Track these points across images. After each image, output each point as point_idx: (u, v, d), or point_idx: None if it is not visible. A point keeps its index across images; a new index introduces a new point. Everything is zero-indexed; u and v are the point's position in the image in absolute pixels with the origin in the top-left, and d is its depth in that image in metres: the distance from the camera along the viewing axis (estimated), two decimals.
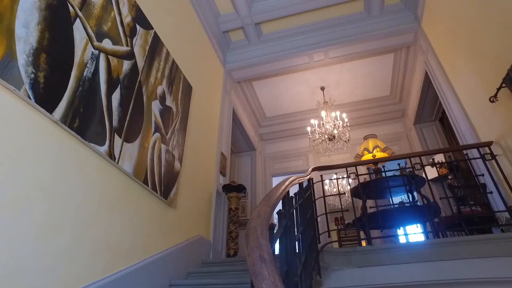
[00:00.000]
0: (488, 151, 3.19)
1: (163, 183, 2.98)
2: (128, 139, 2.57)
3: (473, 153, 3.39)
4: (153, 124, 2.97)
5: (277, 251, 1.48)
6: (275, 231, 1.08)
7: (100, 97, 2.30)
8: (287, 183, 1.54)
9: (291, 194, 1.88)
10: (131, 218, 2.49)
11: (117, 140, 2.42)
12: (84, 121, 2.10)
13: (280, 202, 1.40)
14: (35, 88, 1.76)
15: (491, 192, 3.17)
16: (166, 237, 2.92)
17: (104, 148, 2.26)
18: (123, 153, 2.47)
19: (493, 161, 3.14)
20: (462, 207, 3.35)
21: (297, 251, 1.58)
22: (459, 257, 2.69)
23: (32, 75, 1.75)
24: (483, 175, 3.23)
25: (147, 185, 2.72)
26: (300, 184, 2.17)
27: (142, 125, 2.80)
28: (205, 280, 2.68)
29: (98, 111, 2.26)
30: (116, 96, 2.48)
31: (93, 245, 2.08)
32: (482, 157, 3.16)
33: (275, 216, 1.31)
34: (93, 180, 2.16)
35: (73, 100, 2.02)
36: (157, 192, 2.85)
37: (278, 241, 1.20)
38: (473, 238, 2.80)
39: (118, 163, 2.40)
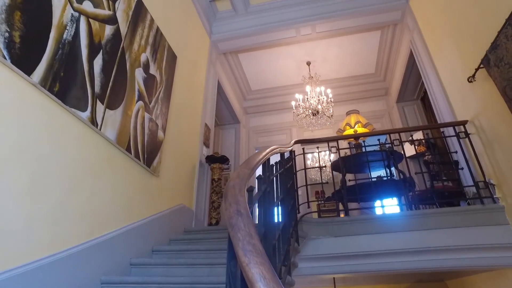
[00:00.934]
0: (463, 130, 3.32)
1: (146, 152, 2.98)
2: (111, 106, 2.53)
3: (449, 131, 3.52)
4: (136, 92, 2.93)
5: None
6: (254, 194, 1.13)
7: (81, 62, 2.24)
8: (268, 150, 1.59)
9: (273, 164, 1.93)
10: (114, 185, 2.50)
11: (100, 107, 2.39)
12: (65, 86, 2.06)
13: (261, 167, 1.45)
14: (10, 48, 1.70)
15: (462, 168, 3.33)
16: (149, 205, 2.96)
17: (86, 114, 2.23)
18: (106, 120, 2.45)
19: (467, 139, 3.27)
20: (436, 182, 3.51)
21: (275, 216, 1.65)
22: (429, 228, 2.87)
23: (7, 34, 1.69)
24: (456, 152, 3.38)
25: (130, 153, 2.73)
26: (282, 154, 2.22)
27: (125, 92, 2.76)
28: (186, 246, 2.76)
29: (80, 76, 2.21)
30: (98, 62, 2.42)
31: (77, 209, 2.10)
32: (457, 135, 3.29)
33: (256, 182, 1.36)
34: (76, 146, 2.15)
35: (52, 63, 1.97)
36: (140, 160, 2.86)
37: (257, 205, 1.26)
38: (442, 210, 2.97)
39: (100, 129, 2.38)
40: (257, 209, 1.41)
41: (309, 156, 6.98)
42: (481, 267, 2.93)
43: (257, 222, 1.55)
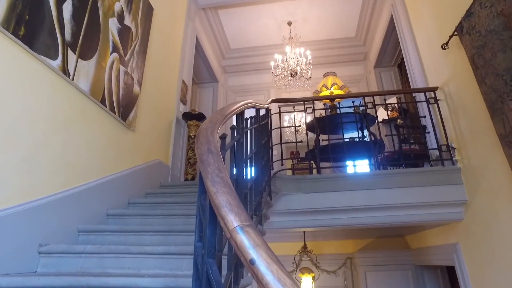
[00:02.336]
0: (433, 96, 3.46)
1: (122, 105, 2.94)
2: (84, 56, 2.45)
3: (421, 97, 3.66)
4: (110, 43, 2.82)
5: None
6: (226, 142, 1.18)
7: (49, 6, 2.12)
8: (243, 102, 1.63)
9: (248, 117, 1.98)
10: (88, 137, 2.49)
11: (71, 56, 2.31)
12: (31, 31, 1.96)
13: (235, 118, 1.50)
14: None
15: (428, 132, 3.52)
16: (125, 158, 2.98)
17: (57, 63, 2.16)
18: (79, 70, 2.38)
19: (435, 105, 3.42)
20: (404, 145, 3.69)
21: (248, 168, 1.73)
22: (394, 186, 3.07)
23: None
24: (424, 116, 3.54)
25: (105, 105, 2.68)
26: (258, 111, 2.27)
27: (99, 42, 2.66)
28: (162, 199, 2.84)
29: (48, 22, 2.10)
30: (67, 7, 2.29)
31: (50, 160, 2.09)
32: (427, 100, 3.43)
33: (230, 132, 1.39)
34: (47, 95, 2.09)
35: (14, 4, 1.85)
36: (115, 113, 2.82)
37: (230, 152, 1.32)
38: (406, 171, 3.17)
39: (73, 80, 2.31)
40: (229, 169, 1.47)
41: (286, 118, 7.07)
42: (437, 221, 3.22)
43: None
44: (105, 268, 1.83)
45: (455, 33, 2.98)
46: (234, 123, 1.63)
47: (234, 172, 1.32)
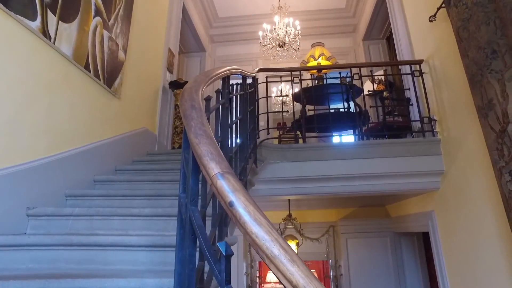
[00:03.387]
0: (418, 69, 3.51)
1: (107, 72, 2.89)
2: (64, 18, 2.37)
3: (407, 69, 3.70)
4: (93, 6, 2.73)
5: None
6: (211, 105, 1.21)
7: None
8: (228, 67, 1.64)
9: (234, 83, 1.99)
10: (73, 103, 2.46)
11: (52, 18, 2.23)
12: None
13: (220, 82, 1.51)
14: None
15: (412, 104, 3.60)
16: (111, 126, 2.97)
17: (36, 24, 2.09)
18: (60, 33, 2.31)
19: (420, 77, 3.48)
20: (388, 117, 3.78)
21: (234, 133, 1.76)
22: (376, 156, 3.17)
23: None
24: (409, 89, 3.60)
25: (89, 71, 2.64)
26: (244, 79, 2.28)
27: (80, 5, 2.57)
28: (149, 166, 2.87)
29: None
30: None
31: (34, 124, 2.08)
32: (412, 73, 3.48)
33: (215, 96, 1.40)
34: (27, 58, 2.05)
35: None
36: (100, 80, 2.78)
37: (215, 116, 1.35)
38: (388, 141, 3.27)
39: (54, 43, 2.26)
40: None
41: (273, 89, 7.05)
42: (415, 190, 3.37)
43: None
44: (93, 230, 1.88)
45: (443, 5, 2.99)
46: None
47: (219, 135, 1.35)
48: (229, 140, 1.54)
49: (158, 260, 1.50)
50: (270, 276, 10.61)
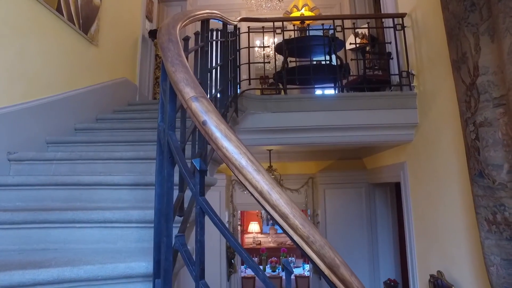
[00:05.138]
0: (401, 22, 3.50)
1: (82, 16, 2.78)
2: None
3: (389, 23, 3.69)
4: None
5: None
6: (189, 46, 1.23)
7: None
8: (208, 10, 1.62)
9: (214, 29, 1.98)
10: (47, 49, 2.39)
11: None
12: None
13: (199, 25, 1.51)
14: None
15: (392, 58, 3.64)
16: (90, 73, 2.91)
17: None
18: None
19: (402, 31, 3.49)
20: (368, 71, 3.83)
21: (213, 78, 1.79)
22: (354, 108, 3.27)
23: None
24: (390, 42, 3.63)
25: (62, 14, 2.53)
26: (225, 25, 2.24)
27: None
28: (131, 115, 2.88)
29: None
30: None
31: (5, 69, 2.02)
32: (394, 27, 3.49)
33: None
34: None
35: None
36: (75, 25, 2.68)
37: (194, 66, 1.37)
38: (366, 94, 3.35)
39: None
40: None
41: (256, 43, 6.91)
42: (390, 141, 3.54)
43: None
44: (77, 173, 1.93)
45: None
46: None
47: (198, 78, 1.38)
48: (208, 83, 1.57)
49: (140, 198, 1.59)
50: (252, 227, 11.15)
